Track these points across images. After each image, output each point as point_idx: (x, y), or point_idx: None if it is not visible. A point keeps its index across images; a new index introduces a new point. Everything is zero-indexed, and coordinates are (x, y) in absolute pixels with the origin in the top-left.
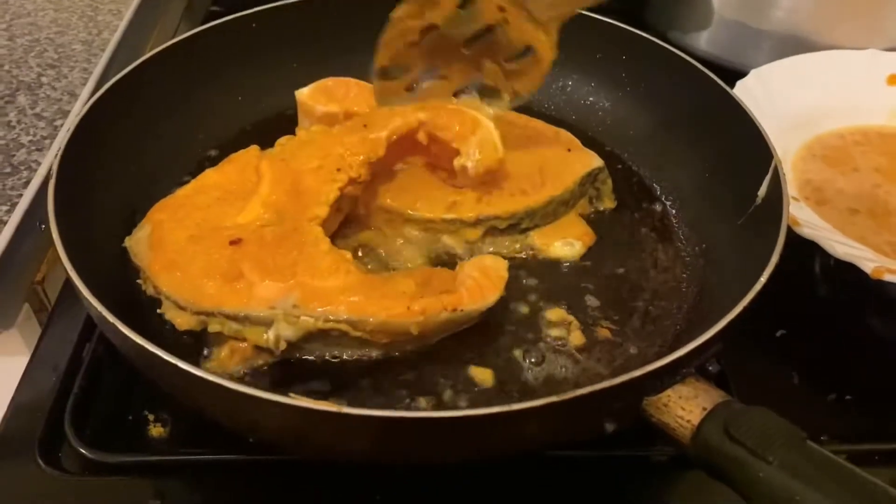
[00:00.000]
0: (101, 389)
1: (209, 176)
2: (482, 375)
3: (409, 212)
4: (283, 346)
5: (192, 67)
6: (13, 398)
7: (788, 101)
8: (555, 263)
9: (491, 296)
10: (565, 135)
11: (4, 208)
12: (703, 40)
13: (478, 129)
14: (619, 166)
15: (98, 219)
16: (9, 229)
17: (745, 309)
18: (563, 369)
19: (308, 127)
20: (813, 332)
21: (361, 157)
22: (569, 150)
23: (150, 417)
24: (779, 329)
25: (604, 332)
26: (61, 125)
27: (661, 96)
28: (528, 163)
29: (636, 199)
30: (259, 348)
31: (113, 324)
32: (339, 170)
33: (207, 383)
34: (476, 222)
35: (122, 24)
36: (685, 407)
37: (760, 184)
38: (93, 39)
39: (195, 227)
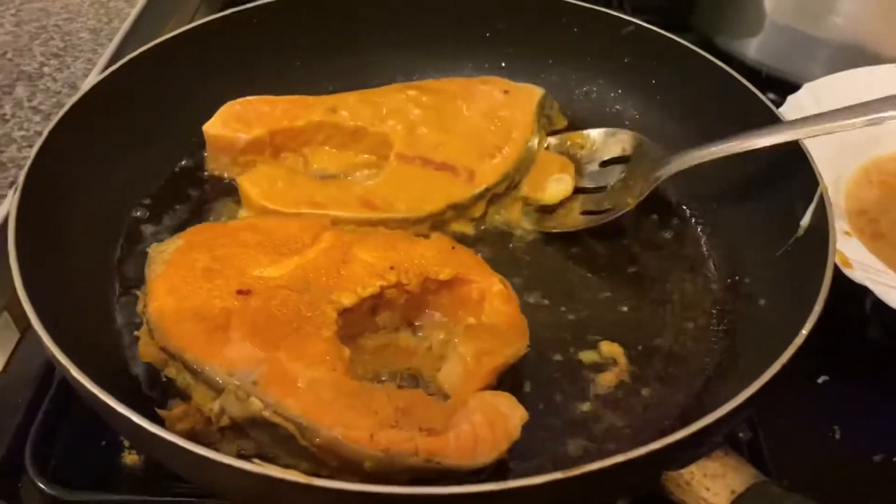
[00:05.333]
0: (73, 411)
1: (268, 220)
2: None
3: (415, 215)
4: (225, 421)
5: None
6: None
7: None
8: (569, 295)
9: (485, 455)
10: (493, 80)
11: None
12: (753, 48)
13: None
14: None
15: (76, 231)
16: None
17: (784, 368)
18: (566, 421)
19: (227, 163)
20: (860, 380)
21: (423, 265)
22: (506, 91)
23: (126, 443)
24: (821, 375)
25: (620, 375)
26: None
27: (695, 108)
28: (482, 123)
29: (664, 222)
30: (207, 418)
31: (65, 365)
32: (392, 268)
33: (158, 440)
34: (478, 198)
35: (134, 12)
36: (710, 487)
37: (804, 213)
38: (102, 28)
39: (218, 261)
